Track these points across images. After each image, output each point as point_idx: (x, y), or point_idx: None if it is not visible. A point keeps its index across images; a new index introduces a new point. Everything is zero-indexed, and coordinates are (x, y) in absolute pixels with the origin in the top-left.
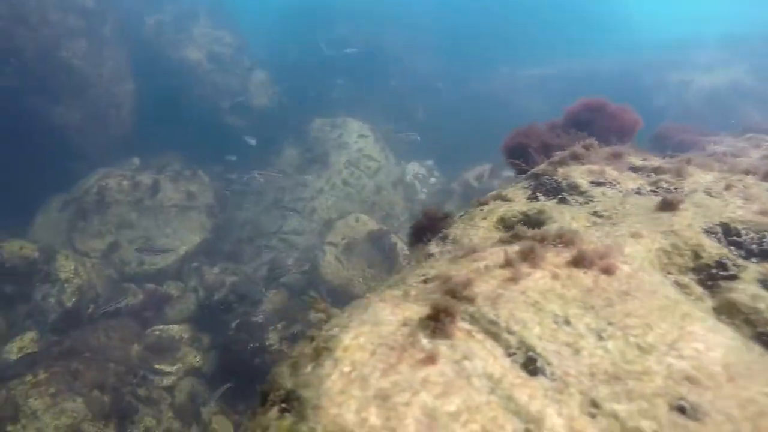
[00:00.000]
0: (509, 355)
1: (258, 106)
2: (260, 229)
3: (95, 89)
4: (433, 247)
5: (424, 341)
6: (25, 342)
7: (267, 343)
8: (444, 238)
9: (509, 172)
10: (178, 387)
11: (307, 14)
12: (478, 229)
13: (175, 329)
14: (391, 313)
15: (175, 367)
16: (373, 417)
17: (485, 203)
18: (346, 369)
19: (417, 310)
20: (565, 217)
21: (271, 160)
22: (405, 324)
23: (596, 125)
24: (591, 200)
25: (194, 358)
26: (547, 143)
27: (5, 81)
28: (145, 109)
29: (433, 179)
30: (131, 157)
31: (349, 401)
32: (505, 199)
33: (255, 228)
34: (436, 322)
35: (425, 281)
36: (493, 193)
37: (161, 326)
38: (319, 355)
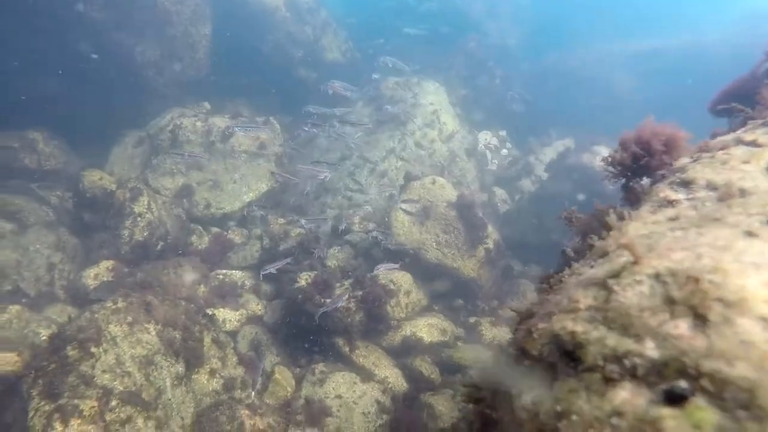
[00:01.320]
0: None
1: (330, 60)
2: (325, 185)
3: (174, 28)
4: (672, 192)
5: None
6: (101, 270)
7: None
8: (687, 183)
9: (601, 149)
10: (241, 333)
11: None
12: (744, 173)
13: (237, 275)
14: None
15: (238, 312)
16: None
17: (724, 147)
18: None
19: None
20: None
21: (343, 117)
22: None
23: None
24: None
25: (256, 306)
26: None
27: (94, 13)
28: (219, 53)
29: (505, 150)
30: (202, 100)
31: None
32: (754, 144)
33: (320, 184)
34: None
35: None
36: (726, 138)
37: (224, 271)
38: None
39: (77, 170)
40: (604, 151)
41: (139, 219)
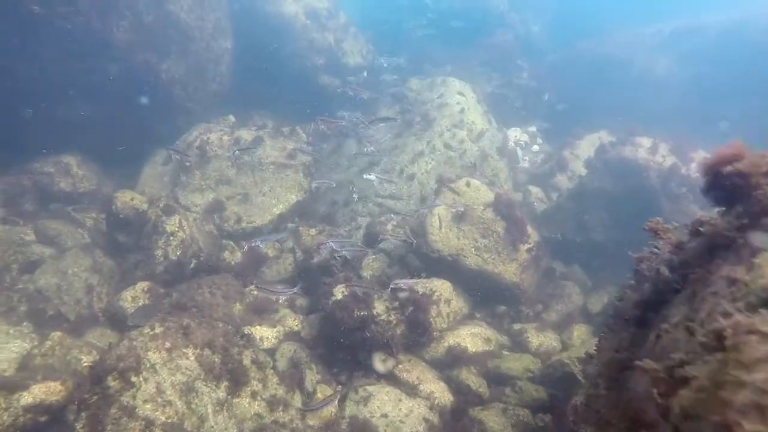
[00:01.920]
0: None
1: (352, 65)
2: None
3: (196, 44)
4: None
5: None
6: (137, 292)
7: (374, 312)
8: None
9: (643, 140)
10: (280, 351)
11: None
12: None
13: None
14: None
15: (275, 329)
16: None
17: None
18: None
19: None
20: None
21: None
22: None
23: None
24: None
25: (293, 322)
26: None
27: (122, 35)
28: (240, 65)
29: (536, 147)
30: (227, 113)
31: None
32: None
33: (349, 191)
34: None
35: None
36: None
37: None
38: None
39: (110, 191)
40: (647, 143)
41: (171, 238)
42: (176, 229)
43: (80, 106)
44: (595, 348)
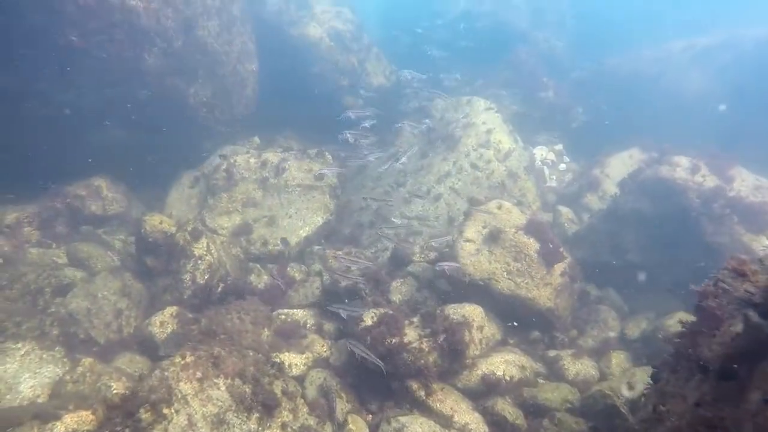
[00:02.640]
0: None
1: (376, 85)
2: (381, 213)
3: (223, 68)
4: None
5: None
6: (166, 317)
7: (406, 340)
8: None
9: (681, 160)
10: (309, 378)
11: None
12: None
13: (299, 314)
14: None
15: (303, 356)
16: None
17: None
18: None
19: None
20: None
21: (390, 141)
22: None
23: None
24: None
25: (322, 347)
26: None
27: (152, 61)
28: (265, 87)
29: (563, 165)
30: (252, 135)
31: None
32: None
33: (376, 212)
34: None
35: None
36: None
37: (286, 310)
38: None
39: (138, 213)
40: (684, 162)
41: (199, 262)
42: (204, 252)
43: (111, 130)
44: (647, 388)
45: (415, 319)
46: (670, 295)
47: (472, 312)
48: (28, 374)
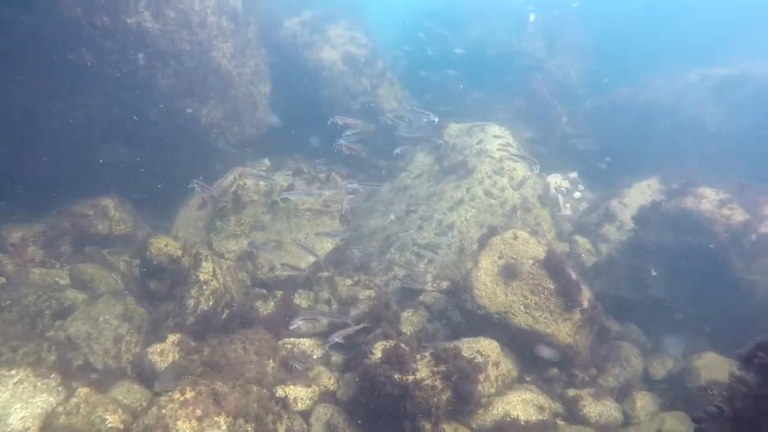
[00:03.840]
0: None
1: (388, 110)
2: (391, 240)
3: (236, 89)
4: None
5: None
6: (167, 345)
7: (418, 377)
8: None
9: (707, 191)
10: (315, 414)
11: (438, 14)
12: None
13: (306, 344)
14: None
15: (310, 389)
16: None
17: None
18: None
19: None
20: None
21: (402, 167)
22: None
23: None
24: None
25: (328, 380)
26: None
27: (165, 81)
28: (277, 109)
29: (577, 193)
30: (262, 157)
31: None
32: None
33: (386, 239)
34: None
35: None
36: None
37: (293, 339)
38: None
39: (144, 234)
40: (711, 195)
41: (204, 287)
42: (210, 277)
43: (121, 150)
44: None
45: (427, 354)
46: (698, 334)
47: (488, 347)
48: (20, 404)
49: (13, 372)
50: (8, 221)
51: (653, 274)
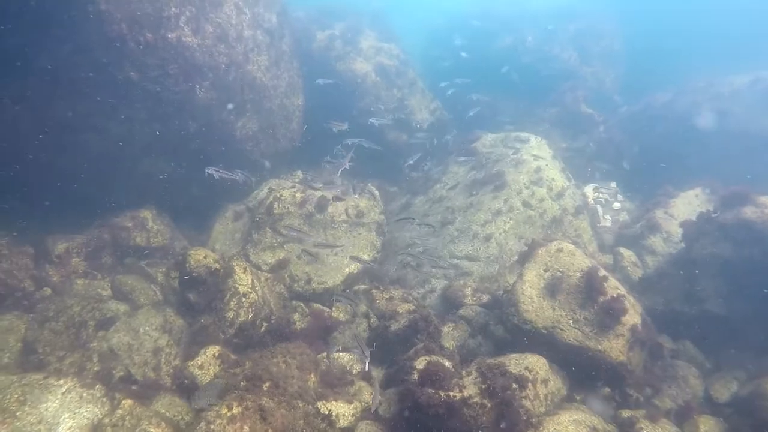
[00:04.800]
0: None
1: (419, 120)
2: (428, 252)
3: (271, 102)
4: None
5: None
6: (207, 358)
7: (465, 394)
8: None
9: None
10: (358, 431)
11: (466, 25)
12: None
13: (345, 358)
14: None
15: (351, 405)
16: None
17: None
18: None
19: None
20: None
21: (435, 178)
22: None
23: None
24: None
25: (369, 396)
26: None
27: (203, 95)
28: (310, 121)
29: (617, 204)
30: (295, 169)
31: None
32: None
33: (422, 253)
34: None
35: None
36: None
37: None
38: None
39: (181, 246)
40: None
41: (243, 299)
42: (248, 290)
43: (158, 162)
44: None
45: (472, 370)
46: (765, 353)
47: (536, 363)
48: (68, 414)
49: (61, 381)
50: (51, 233)
51: (708, 288)
